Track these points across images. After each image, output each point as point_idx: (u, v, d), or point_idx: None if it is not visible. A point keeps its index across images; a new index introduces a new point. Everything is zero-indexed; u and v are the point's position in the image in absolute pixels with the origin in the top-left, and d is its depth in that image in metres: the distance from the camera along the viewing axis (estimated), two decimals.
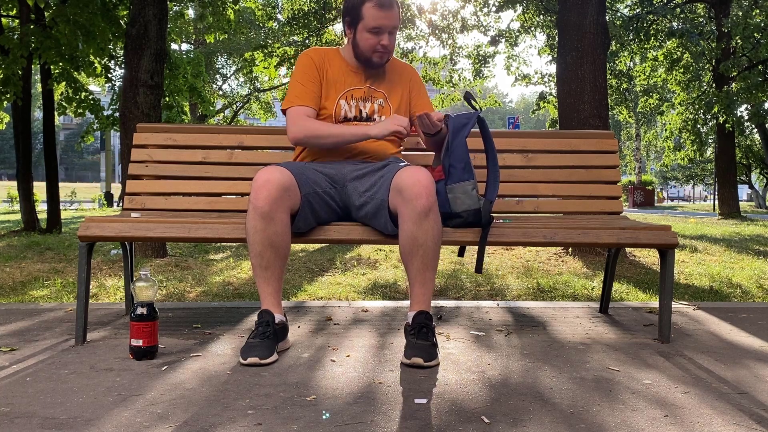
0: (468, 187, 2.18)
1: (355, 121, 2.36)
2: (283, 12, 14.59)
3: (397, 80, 2.44)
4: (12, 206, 16.17)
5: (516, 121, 19.19)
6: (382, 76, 2.42)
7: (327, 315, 2.76)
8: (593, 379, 1.84)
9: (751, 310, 2.96)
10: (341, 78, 2.37)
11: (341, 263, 4.95)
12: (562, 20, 5.67)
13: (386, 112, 2.39)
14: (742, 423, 1.51)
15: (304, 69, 2.35)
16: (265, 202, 2.01)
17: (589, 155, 2.77)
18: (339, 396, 1.68)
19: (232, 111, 22.00)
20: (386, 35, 2.27)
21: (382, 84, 2.41)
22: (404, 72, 2.48)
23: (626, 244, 2.28)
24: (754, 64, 13.29)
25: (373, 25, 2.25)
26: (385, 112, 2.39)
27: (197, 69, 13.90)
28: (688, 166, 23.81)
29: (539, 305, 3.05)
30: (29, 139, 8.37)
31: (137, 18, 5.23)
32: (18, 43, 7.15)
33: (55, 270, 4.46)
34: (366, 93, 2.38)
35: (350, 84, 2.37)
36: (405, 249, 2.04)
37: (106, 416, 1.53)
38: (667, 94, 17.14)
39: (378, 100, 2.39)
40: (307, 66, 2.35)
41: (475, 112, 2.27)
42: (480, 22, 13.81)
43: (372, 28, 2.26)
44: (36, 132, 31.61)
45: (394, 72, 2.45)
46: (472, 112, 2.28)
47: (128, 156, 2.77)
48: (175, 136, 2.75)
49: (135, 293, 2.01)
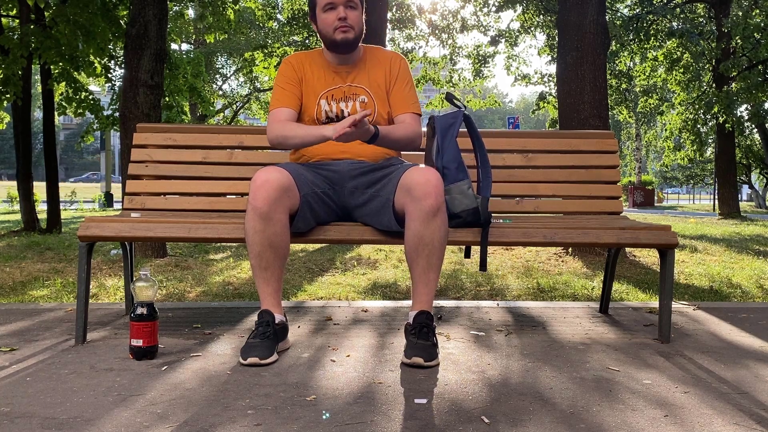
0: (464, 187, 2.18)
1: (338, 121, 2.29)
2: (283, 12, 14.60)
3: (379, 71, 2.35)
4: (12, 206, 16.17)
5: (516, 121, 19.18)
6: (363, 71, 2.35)
7: (327, 315, 2.76)
8: (593, 379, 1.84)
9: (751, 310, 2.96)
10: (322, 78, 2.33)
11: (341, 263, 4.95)
12: (562, 20, 5.67)
13: (370, 106, 2.32)
14: (742, 423, 1.51)
15: (282, 73, 2.35)
16: (264, 202, 2.00)
17: (589, 155, 2.77)
18: (339, 396, 1.68)
19: (232, 111, 22.00)
20: (341, 8, 2.22)
21: (363, 80, 2.34)
22: (385, 61, 2.37)
23: (626, 244, 2.28)
24: (754, 64, 13.28)
25: (325, 2, 2.24)
26: (369, 107, 2.32)
27: (197, 69, 13.89)
28: (688, 166, 23.81)
29: (539, 305, 3.05)
30: (29, 139, 8.37)
31: (137, 18, 5.23)
32: (18, 43, 7.15)
33: (55, 270, 4.46)
34: (346, 92, 2.32)
35: (331, 84, 2.33)
36: (410, 248, 2.03)
37: (106, 416, 1.53)
38: (667, 94, 17.14)
39: (360, 97, 2.32)
40: (285, 70, 2.36)
41: (460, 111, 2.27)
42: (480, 22, 13.83)
43: (324, 6, 2.24)
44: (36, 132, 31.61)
45: (375, 64, 2.37)
46: (457, 111, 2.28)
47: (128, 156, 2.77)
48: (175, 136, 2.75)
49: (135, 293, 2.01)
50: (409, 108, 2.35)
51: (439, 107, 14.30)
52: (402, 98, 2.35)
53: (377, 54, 2.40)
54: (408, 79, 2.38)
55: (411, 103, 2.36)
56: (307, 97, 2.33)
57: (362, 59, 2.37)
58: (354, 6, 2.25)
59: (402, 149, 2.34)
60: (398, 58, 2.40)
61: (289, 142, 2.24)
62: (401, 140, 2.26)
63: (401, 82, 2.36)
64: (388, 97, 2.36)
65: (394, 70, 2.36)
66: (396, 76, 2.36)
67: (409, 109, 2.34)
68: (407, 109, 2.34)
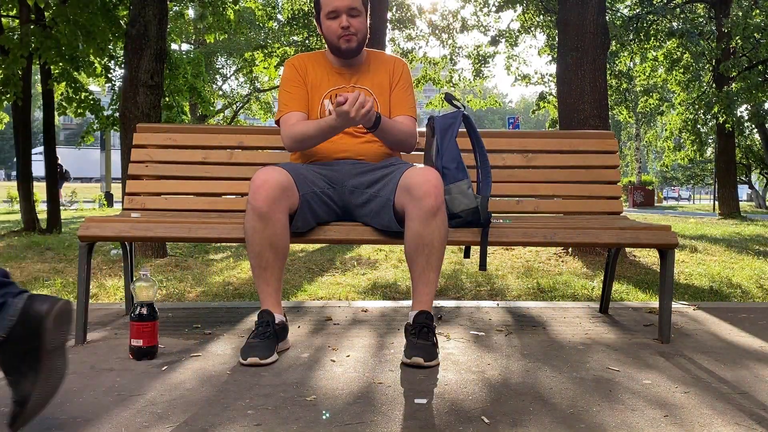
0: (464, 187, 2.18)
1: None
2: (283, 12, 14.60)
3: (383, 74, 2.38)
4: (12, 206, 16.16)
5: (516, 121, 19.17)
6: (366, 72, 2.38)
7: (327, 315, 2.76)
8: (593, 380, 1.84)
9: (751, 310, 2.96)
10: (325, 79, 2.35)
11: (341, 263, 4.95)
12: (562, 20, 5.67)
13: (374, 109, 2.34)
14: (742, 423, 1.51)
15: (287, 76, 2.37)
16: (264, 202, 2.00)
17: (589, 155, 2.77)
18: (339, 396, 1.68)
19: (232, 111, 22.01)
20: (344, 17, 2.24)
21: (366, 81, 2.36)
22: (389, 65, 2.41)
23: (626, 244, 2.28)
24: (754, 65, 13.29)
25: (329, 9, 2.25)
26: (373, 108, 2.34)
27: (197, 69, 13.89)
28: (688, 166, 23.81)
29: (539, 305, 3.05)
30: (29, 139, 8.37)
31: (137, 18, 5.23)
32: (18, 43, 7.15)
33: (55, 270, 4.46)
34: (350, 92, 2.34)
35: (334, 84, 2.35)
36: (410, 248, 2.04)
37: (106, 416, 1.53)
38: (667, 94, 17.15)
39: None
40: (289, 73, 2.37)
41: (459, 111, 2.28)
42: (480, 22, 13.83)
43: (328, 13, 2.26)
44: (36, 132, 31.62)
45: (379, 66, 2.40)
46: (457, 111, 2.29)
47: (128, 156, 2.77)
48: (175, 136, 2.75)
49: (135, 293, 2.01)
50: (407, 111, 2.38)
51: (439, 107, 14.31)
52: (400, 101, 2.38)
53: (380, 57, 2.44)
54: (408, 84, 2.41)
55: (408, 107, 2.39)
56: (311, 98, 2.34)
57: (366, 62, 2.40)
58: (357, 13, 2.26)
59: (396, 146, 2.35)
60: (401, 63, 2.44)
61: (309, 142, 2.25)
62: (398, 135, 2.28)
63: (402, 86, 2.39)
64: (389, 99, 2.38)
65: (396, 73, 2.40)
66: (398, 79, 2.39)
67: (407, 112, 2.38)
68: (404, 111, 2.37)
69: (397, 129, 2.28)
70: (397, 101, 2.38)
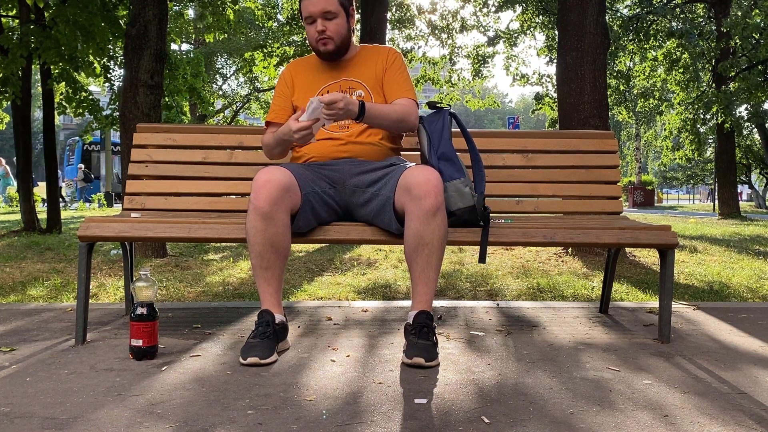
0: (460, 185, 2.18)
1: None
2: (282, 12, 14.60)
3: (373, 64, 2.38)
4: (12, 206, 16.15)
5: (516, 121, 19.19)
6: (358, 65, 2.38)
7: (327, 315, 2.76)
8: (593, 380, 1.84)
9: (751, 310, 2.96)
10: (316, 78, 2.38)
11: (341, 263, 4.95)
12: (562, 20, 5.67)
13: (367, 101, 2.32)
14: (742, 423, 1.51)
15: (277, 86, 2.49)
16: (266, 202, 2.01)
17: (589, 155, 2.77)
18: (339, 396, 1.68)
19: (232, 111, 22.00)
20: (319, 21, 2.26)
21: (358, 74, 2.37)
22: (379, 54, 2.40)
23: (626, 244, 2.28)
24: (753, 64, 13.28)
25: (305, 15, 2.29)
26: (365, 100, 2.30)
27: (197, 69, 13.88)
28: (688, 166, 23.81)
29: (539, 305, 3.05)
30: (29, 139, 8.36)
31: (137, 18, 5.23)
32: (18, 43, 7.14)
33: (55, 270, 4.46)
34: (342, 85, 2.35)
35: (325, 81, 2.37)
36: (410, 247, 2.04)
37: (107, 416, 1.53)
38: (667, 94, 17.15)
39: (356, 91, 2.34)
40: (280, 81, 2.47)
41: (444, 109, 2.29)
42: (479, 22, 13.83)
43: (305, 18, 2.30)
44: (36, 132, 31.59)
45: (370, 58, 2.40)
46: (443, 110, 2.30)
47: (128, 156, 2.77)
48: (175, 136, 2.75)
49: (135, 293, 2.01)
50: (402, 92, 2.34)
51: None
52: (396, 83, 2.36)
53: (372, 49, 2.45)
54: (401, 68, 2.39)
55: (406, 89, 2.35)
56: (304, 101, 2.33)
57: (357, 56, 2.41)
58: (332, 16, 2.27)
59: (395, 128, 2.32)
60: (392, 50, 2.43)
61: (273, 152, 2.37)
62: (392, 115, 2.25)
63: (394, 70, 2.37)
64: (383, 87, 2.37)
65: (388, 60, 2.39)
66: (389, 64, 2.38)
67: (403, 93, 2.34)
68: (402, 93, 2.34)
69: (390, 109, 2.25)
70: (390, 84, 2.36)
